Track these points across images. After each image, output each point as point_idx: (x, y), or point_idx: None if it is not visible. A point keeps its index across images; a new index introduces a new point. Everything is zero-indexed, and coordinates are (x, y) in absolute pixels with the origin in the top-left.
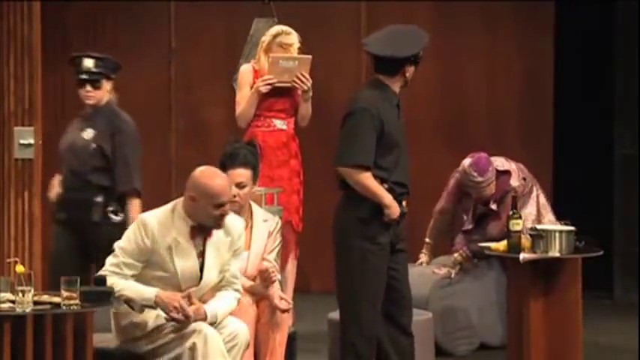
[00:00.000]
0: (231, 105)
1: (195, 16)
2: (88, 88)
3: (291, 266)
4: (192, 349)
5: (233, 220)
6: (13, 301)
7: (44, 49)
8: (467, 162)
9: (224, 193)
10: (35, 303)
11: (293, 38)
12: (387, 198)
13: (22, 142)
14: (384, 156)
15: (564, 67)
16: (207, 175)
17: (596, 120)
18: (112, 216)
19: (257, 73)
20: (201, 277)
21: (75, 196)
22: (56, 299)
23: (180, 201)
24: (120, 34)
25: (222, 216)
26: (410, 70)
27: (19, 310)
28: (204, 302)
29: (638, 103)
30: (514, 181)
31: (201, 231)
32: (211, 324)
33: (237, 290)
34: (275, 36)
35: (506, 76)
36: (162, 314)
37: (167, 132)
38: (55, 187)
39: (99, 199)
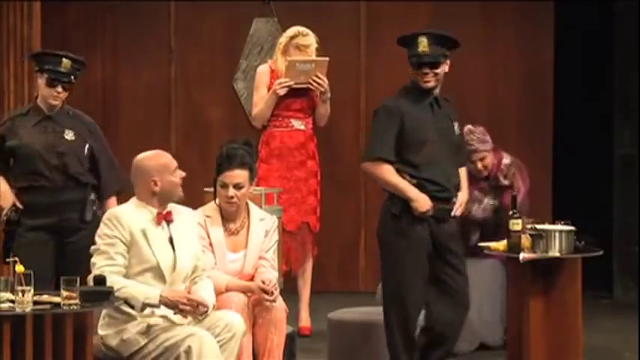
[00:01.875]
0: (231, 105)
1: (195, 16)
2: (60, 89)
3: (309, 266)
4: (188, 352)
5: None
6: (12, 301)
7: (44, 48)
8: (468, 126)
9: (173, 160)
10: (35, 303)
11: (310, 39)
12: (411, 191)
13: None
14: (413, 152)
15: (564, 67)
16: (152, 156)
17: (596, 120)
18: (99, 213)
19: (274, 74)
20: (175, 262)
21: (70, 197)
22: (56, 299)
23: (134, 198)
24: (120, 34)
25: (180, 182)
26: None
27: (18, 310)
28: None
29: (638, 104)
30: (507, 157)
31: (164, 217)
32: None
33: (208, 277)
34: (292, 37)
35: (506, 76)
36: (151, 322)
37: (167, 132)
38: (9, 195)
39: (92, 197)
